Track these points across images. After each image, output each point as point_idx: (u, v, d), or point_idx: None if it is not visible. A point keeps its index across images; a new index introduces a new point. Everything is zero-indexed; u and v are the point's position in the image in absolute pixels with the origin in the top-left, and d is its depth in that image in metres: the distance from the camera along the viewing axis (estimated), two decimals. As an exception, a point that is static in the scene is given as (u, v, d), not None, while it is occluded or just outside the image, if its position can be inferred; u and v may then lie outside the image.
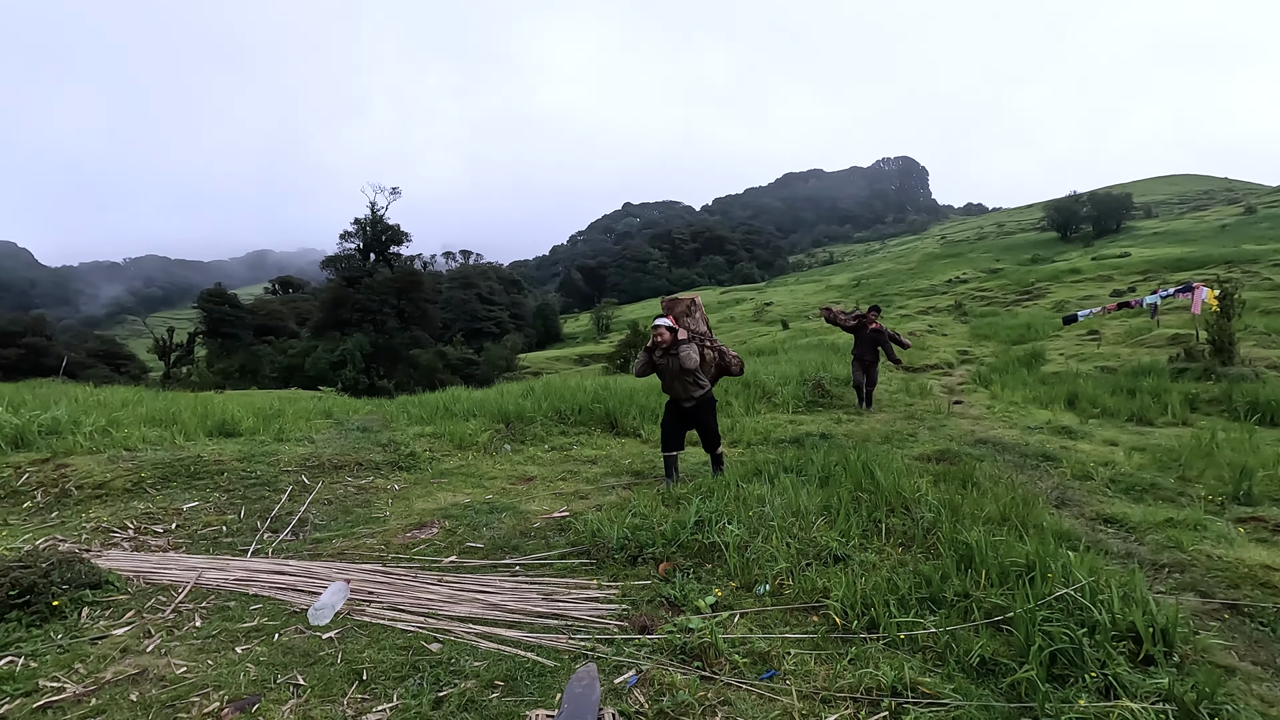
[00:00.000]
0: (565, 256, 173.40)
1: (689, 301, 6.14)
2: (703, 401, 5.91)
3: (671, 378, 5.84)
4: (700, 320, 6.14)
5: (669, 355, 5.75)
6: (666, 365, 5.79)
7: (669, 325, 5.82)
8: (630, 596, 3.67)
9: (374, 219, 49.68)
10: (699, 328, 6.10)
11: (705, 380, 5.91)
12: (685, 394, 5.87)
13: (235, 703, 2.67)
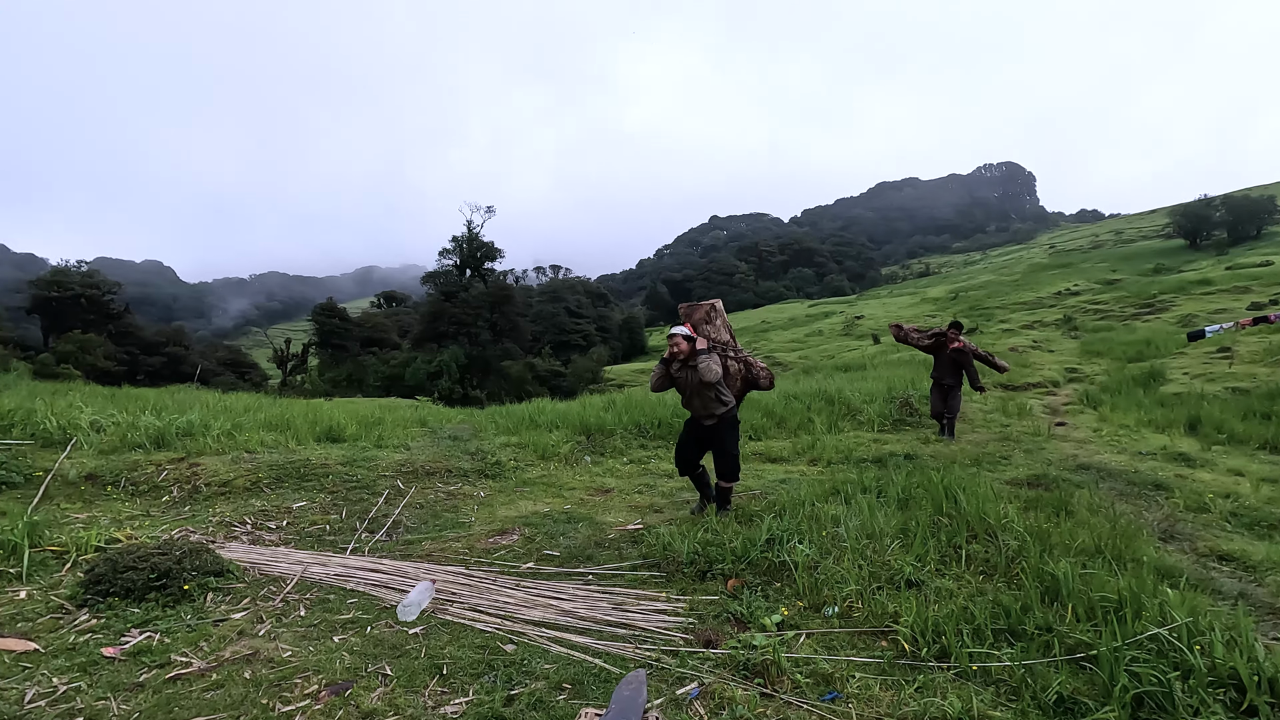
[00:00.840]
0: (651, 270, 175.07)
1: (708, 307, 5.60)
2: (725, 420, 5.30)
3: (691, 393, 5.28)
4: (722, 328, 5.61)
5: (687, 368, 5.23)
6: (685, 379, 5.26)
7: (686, 334, 5.27)
8: (697, 611, 3.74)
9: (470, 236, 52.12)
10: (720, 336, 5.58)
11: (729, 395, 5.32)
12: (706, 411, 5.29)
13: (332, 686, 2.94)
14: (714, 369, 5.03)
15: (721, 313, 5.61)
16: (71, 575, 4.12)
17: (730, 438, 5.33)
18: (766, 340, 56.80)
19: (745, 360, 5.60)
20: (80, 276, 49.60)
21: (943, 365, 9.27)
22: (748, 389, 5.70)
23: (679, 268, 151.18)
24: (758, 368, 5.62)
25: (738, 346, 5.62)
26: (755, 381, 5.62)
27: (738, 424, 5.45)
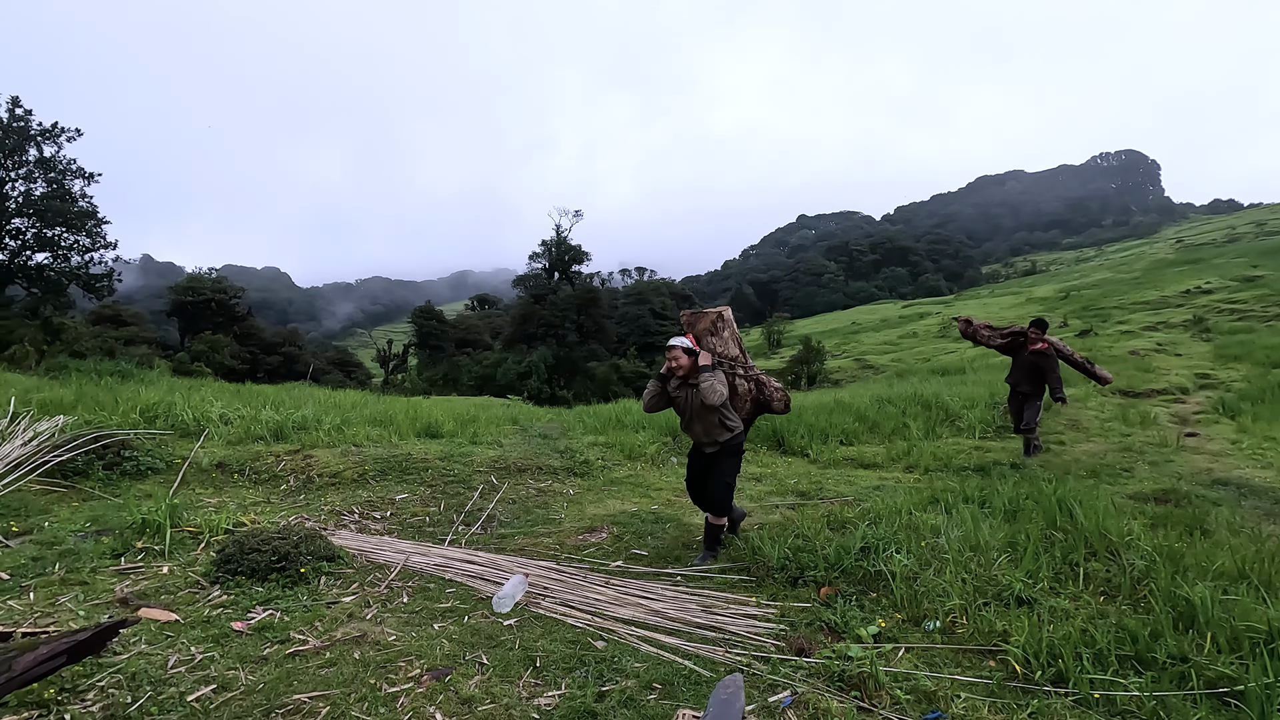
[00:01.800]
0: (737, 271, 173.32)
1: (715, 315, 4.74)
2: (728, 447, 4.60)
3: (692, 415, 4.56)
4: (730, 340, 4.75)
5: (688, 386, 4.53)
6: (685, 399, 4.55)
7: (687, 347, 4.53)
8: (789, 617, 3.65)
9: (558, 240, 53.44)
10: (728, 350, 4.72)
11: (735, 420, 4.59)
12: (708, 437, 4.59)
13: (432, 671, 3.07)
14: (718, 390, 4.34)
15: (730, 322, 4.79)
16: (205, 554, 4.51)
17: (729, 466, 4.64)
18: (857, 342, 55.01)
19: (757, 379, 4.83)
20: (210, 283, 54.39)
21: (1020, 369, 7.97)
22: (759, 412, 4.97)
23: (765, 268, 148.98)
24: (771, 387, 4.87)
25: (749, 363, 4.84)
26: (768, 404, 4.88)
27: (741, 452, 4.77)
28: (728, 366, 4.65)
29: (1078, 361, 8.04)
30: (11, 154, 22.52)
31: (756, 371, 4.83)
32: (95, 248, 24.31)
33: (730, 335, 4.74)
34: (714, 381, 4.35)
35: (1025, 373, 7.86)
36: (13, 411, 7.46)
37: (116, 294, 29.61)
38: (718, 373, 4.43)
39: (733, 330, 4.77)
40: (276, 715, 2.69)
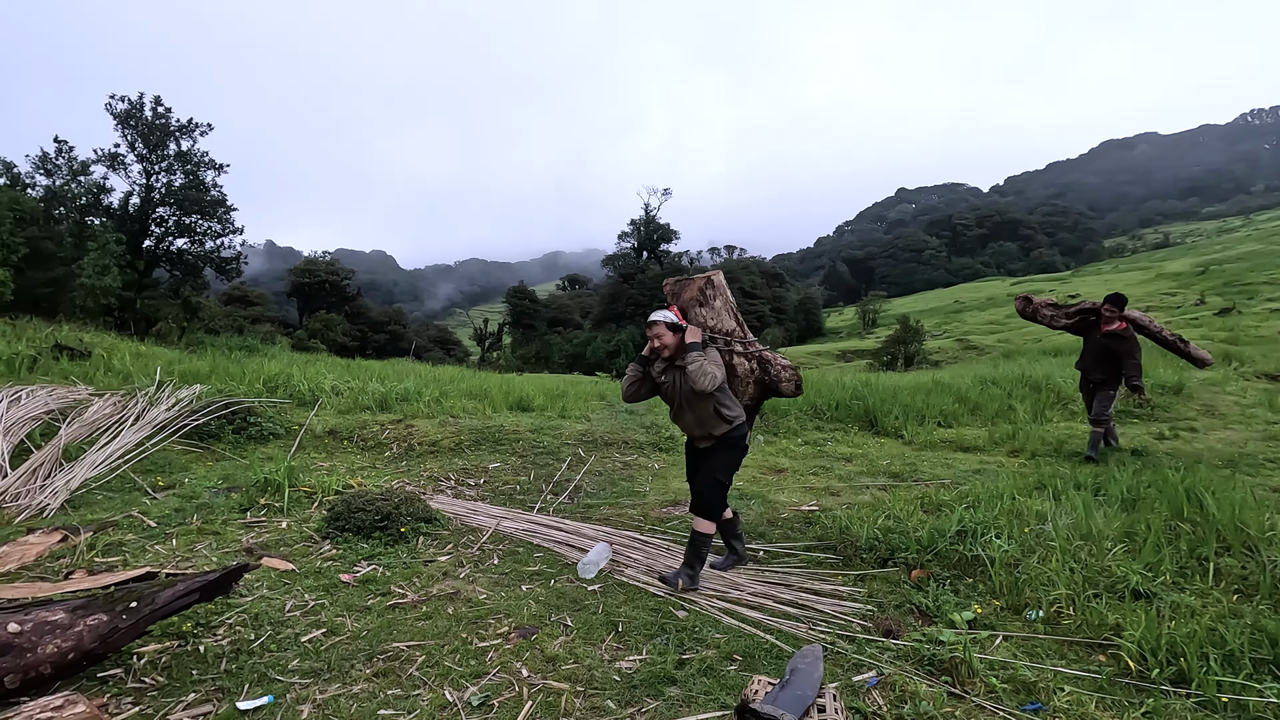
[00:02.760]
0: (830, 248, 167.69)
1: (703, 282, 3.85)
2: (725, 441, 3.73)
3: (681, 403, 3.74)
4: (724, 311, 3.86)
5: (674, 368, 3.73)
6: (672, 384, 3.74)
7: (671, 321, 3.70)
8: (876, 598, 3.54)
9: (647, 219, 53.50)
10: (722, 323, 3.83)
11: (735, 408, 3.73)
12: (702, 430, 3.76)
13: (520, 630, 3.19)
14: (709, 372, 3.51)
15: (723, 289, 3.90)
16: (318, 512, 4.88)
17: (724, 460, 3.76)
18: (959, 321, 52.11)
19: (760, 356, 3.95)
20: (325, 265, 58.25)
21: (1091, 353, 6.85)
22: (765, 396, 4.10)
23: (861, 245, 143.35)
24: (778, 366, 3.95)
25: (749, 337, 3.95)
26: (775, 386, 3.99)
27: (742, 447, 3.82)
28: (723, 343, 3.80)
29: (1168, 340, 6.89)
30: (155, 149, 24.92)
31: (760, 347, 3.97)
32: (226, 233, 26.62)
33: (724, 305, 3.87)
34: (704, 362, 3.52)
35: (1097, 357, 6.79)
36: (159, 380, 8.30)
37: (244, 276, 32.31)
38: (709, 351, 3.63)
39: (726, 299, 3.90)
40: (378, 660, 2.88)
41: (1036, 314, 7.32)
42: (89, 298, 20.34)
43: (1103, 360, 6.73)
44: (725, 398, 3.70)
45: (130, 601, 2.64)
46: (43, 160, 23.18)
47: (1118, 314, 6.69)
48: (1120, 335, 6.59)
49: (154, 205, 25.13)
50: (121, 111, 24.62)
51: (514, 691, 2.65)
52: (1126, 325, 6.65)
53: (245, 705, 2.49)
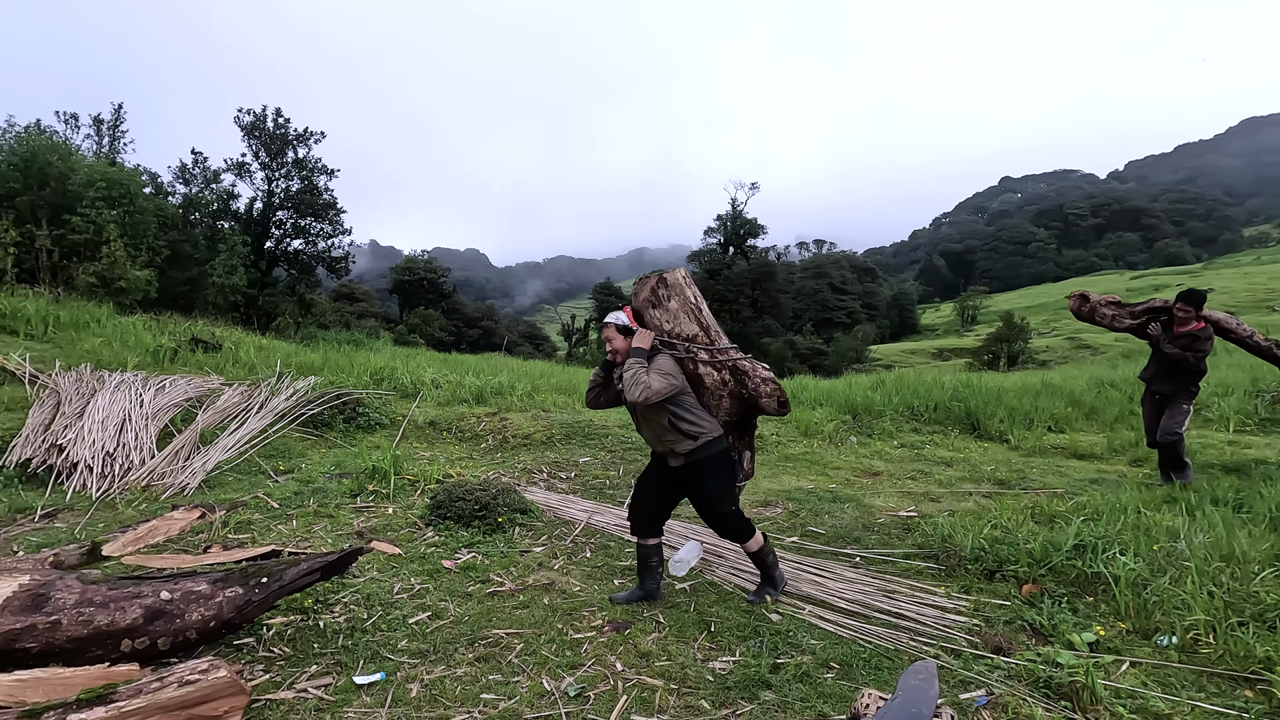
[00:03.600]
0: (927, 241, 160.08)
1: (654, 281, 3.48)
2: (699, 462, 3.34)
3: (638, 416, 3.44)
4: (683, 314, 3.42)
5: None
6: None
7: (622, 324, 3.44)
8: (983, 612, 3.35)
9: (734, 214, 52.90)
10: (680, 327, 3.41)
11: (702, 423, 3.33)
12: (661, 445, 3.41)
13: (614, 624, 3.24)
14: (642, 381, 3.17)
15: (681, 288, 3.46)
16: (420, 500, 5.13)
17: (715, 494, 3.39)
18: (1069, 320, 48.54)
19: (734, 366, 3.40)
20: (423, 264, 61.13)
21: (1158, 360, 5.76)
22: (750, 412, 3.53)
23: (960, 237, 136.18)
24: (756, 378, 3.37)
25: (719, 344, 3.45)
26: (755, 401, 3.40)
27: (725, 472, 3.42)
28: (682, 349, 3.38)
29: (1261, 346, 5.82)
30: (275, 157, 26.97)
31: (733, 355, 3.43)
32: (336, 234, 28.49)
33: (681, 307, 3.43)
34: (638, 371, 3.20)
35: (1166, 365, 5.64)
36: (279, 372, 8.97)
37: (351, 274, 34.36)
38: (659, 359, 3.31)
39: (686, 300, 3.44)
40: (479, 645, 3.00)
41: (1094, 314, 6.18)
42: (219, 295, 22.30)
43: (1172, 370, 5.62)
44: (684, 410, 3.31)
45: (262, 577, 2.87)
46: (181, 171, 25.62)
47: (1193, 313, 5.52)
48: (1196, 336, 5.50)
49: (274, 209, 27.23)
50: (247, 124, 26.82)
51: (609, 685, 2.69)
52: (1205, 325, 5.55)
53: (361, 680, 2.66)
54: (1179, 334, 5.57)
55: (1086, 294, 6.32)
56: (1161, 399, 5.73)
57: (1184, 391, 5.64)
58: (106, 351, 9.19)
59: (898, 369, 23.61)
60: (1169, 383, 5.67)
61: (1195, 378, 5.63)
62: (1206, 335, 5.51)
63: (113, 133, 26.02)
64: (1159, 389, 5.75)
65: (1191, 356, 5.45)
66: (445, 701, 2.55)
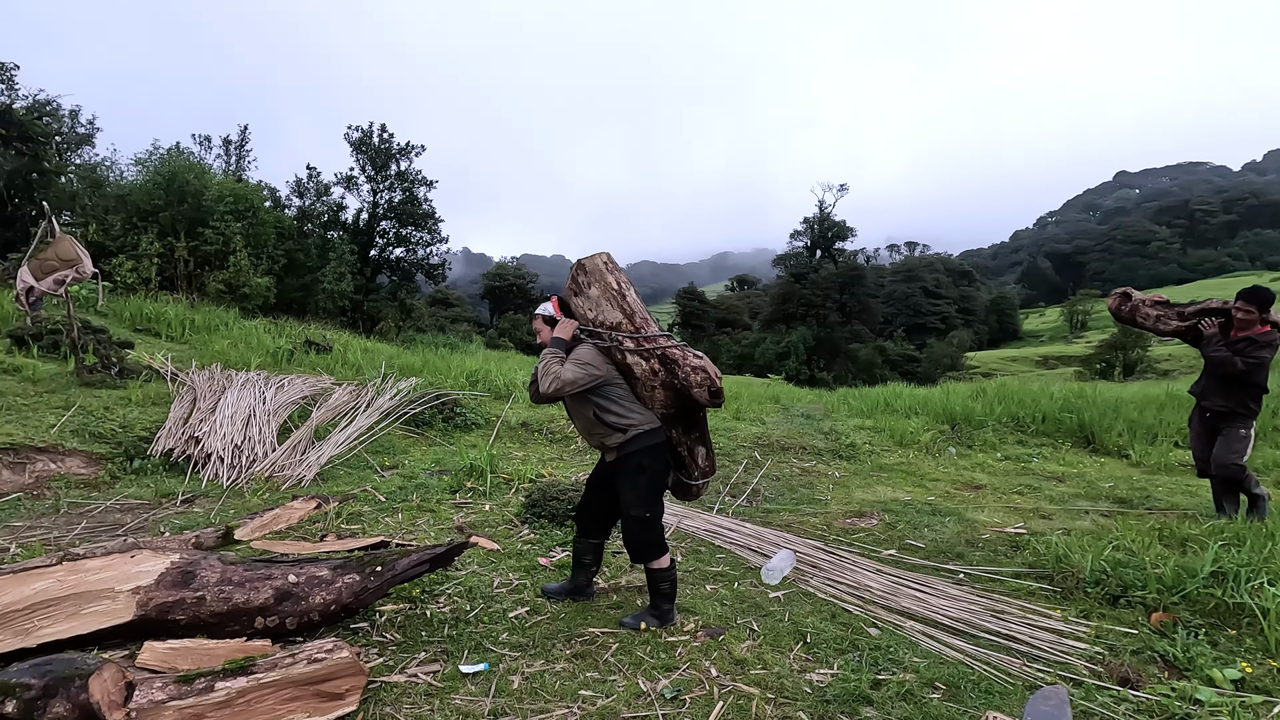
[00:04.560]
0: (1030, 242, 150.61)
1: (575, 268, 3.33)
2: (627, 461, 3.18)
3: (569, 409, 3.33)
4: (605, 301, 3.21)
5: None
6: None
7: (547, 314, 3.34)
8: (1106, 640, 3.12)
9: (821, 217, 51.71)
10: (602, 315, 3.21)
11: (630, 414, 3.16)
12: (591, 438, 3.31)
13: (707, 629, 3.23)
14: (551, 372, 3.05)
15: (601, 274, 3.26)
16: (515, 498, 5.29)
17: (633, 494, 3.19)
18: (1198, 325, 44.30)
19: (664, 354, 3.14)
20: (512, 270, 63.22)
21: (1209, 371, 4.90)
22: (688, 405, 3.24)
23: (1068, 237, 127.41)
24: (686, 367, 3.09)
25: (647, 331, 3.20)
26: (686, 391, 3.13)
27: (655, 469, 3.19)
28: (607, 338, 3.18)
29: None
30: (380, 170, 28.69)
31: (662, 343, 3.16)
32: (434, 242, 30.04)
33: (601, 294, 3.23)
34: (549, 361, 3.08)
35: (1221, 378, 4.75)
36: (383, 373, 9.51)
37: (447, 280, 35.94)
38: (579, 348, 3.17)
39: (608, 286, 3.24)
40: (576, 642, 3.06)
41: (1135, 314, 5.33)
42: (329, 300, 23.90)
43: (1227, 383, 4.74)
44: (609, 402, 3.15)
45: (376, 565, 3.05)
46: (297, 185, 27.72)
47: (1259, 314, 4.66)
48: (1255, 341, 4.62)
49: (378, 219, 28.97)
50: (355, 139, 28.70)
51: (704, 689, 2.69)
52: (1271, 329, 4.67)
53: (467, 669, 2.77)
54: (1237, 339, 4.72)
55: (1129, 291, 5.47)
56: (1214, 418, 4.87)
57: (1242, 411, 4.72)
58: (233, 352, 10.03)
59: (999, 377, 22.32)
60: (1223, 399, 4.78)
61: (1255, 394, 4.70)
62: (1269, 342, 4.60)
63: (239, 152, 28.41)
64: (1211, 405, 4.87)
65: (1241, 361, 4.57)
66: (545, 695, 2.62)
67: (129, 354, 8.60)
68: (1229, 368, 4.61)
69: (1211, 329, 4.79)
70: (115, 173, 20.15)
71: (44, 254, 7.42)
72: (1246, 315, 4.67)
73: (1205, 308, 5.01)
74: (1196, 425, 5.06)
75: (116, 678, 2.06)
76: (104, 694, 1.98)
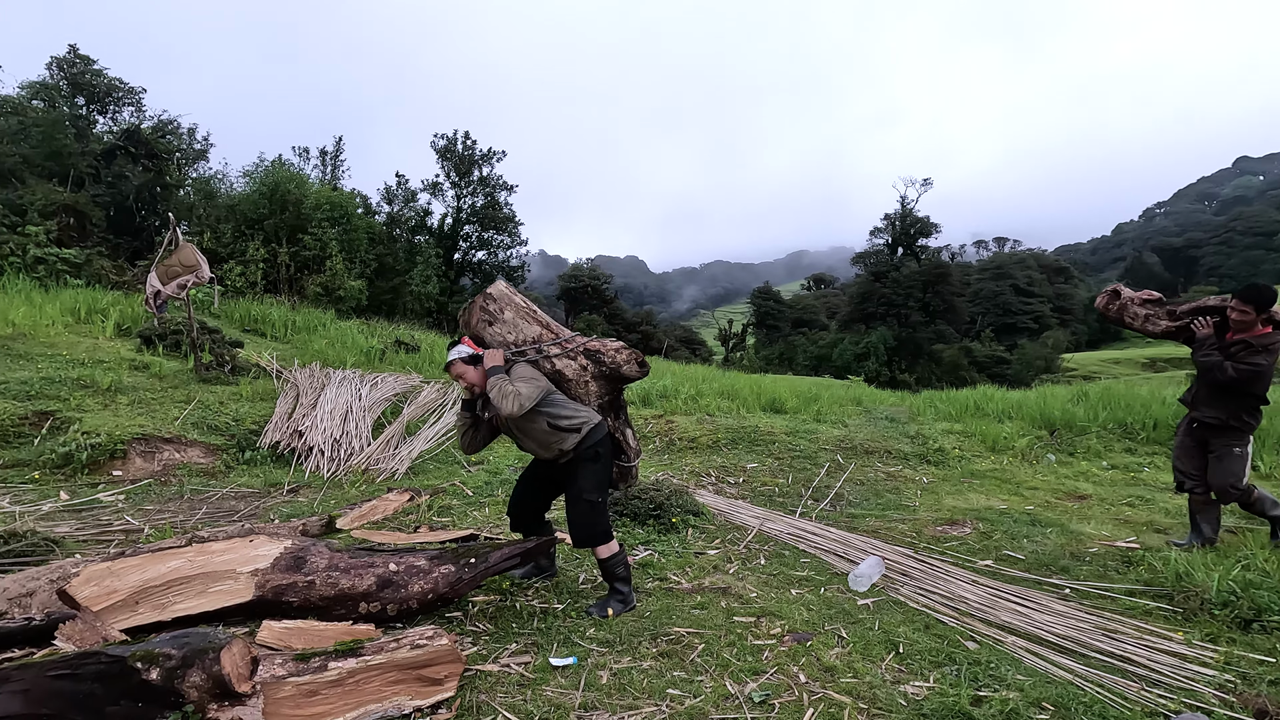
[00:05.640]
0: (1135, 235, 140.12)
1: (481, 299, 3.52)
2: (582, 455, 3.36)
3: (518, 434, 3.41)
4: (519, 320, 3.47)
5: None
6: (500, 418, 3.39)
7: (466, 355, 3.39)
8: (1237, 667, 2.87)
9: (903, 213, 49.89)
10: (521, 333, 3.44)
11: (577, 414, 3.35)
12: (549, 450, 3.39)
13: (794, 634, 3.17)
14: (510, 391, 3.14)
15: (507, 298, 3.52)
16: (597, 496, 5.37)
17: (588, 480, 3.36)
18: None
19: (586, 350, 3.46)
20: (587, 271, 64.05)
21: (1201, 378, 4.34)
22: (616, 387, 3.57)
23: (1179, 229, 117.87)
24: (609, 351, 3.44)
25: (564, 335, 3.51)
26: (616, 372, 3.45)
27: (607, 455, 3.43)
28: (533, 352, 3.41)
29: None
30: (464, 176, 29.77)
31: (581, 341, 3.49)
32: (514, 245, 30.93)
33: (516, 315, 3.48)
34: (502, 384, 3.18)
35: (1216, 387, 4.20)
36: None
37: (525, 282, 36.85)
38: (516, 367, 3.32)
39: (518, 307, 3.51)
40: (661, 641, 3.07)
41: (1124, 313, 4.72)
42: (416, 302, 24.97)
43: (1222, 391, 4.19)
44: (557, 409, 3.32)
45: (470, 557, 3.16)
46: (386, 192, 29.13)
47: (1256, 314, 4.09)
48: (1253, 346, 4.07)
49: (462, 224, 30.07)
50: (441, 147, 29.90)
51: (793, 695, 2.64)
52: (1272, 330, 4.11)
53: (556, 662, 2.83)
54: (1232, 342, 4.18)
55: (1119, 289, 4.85)
56: (1204, 430, 4.32)
57: (1235, 424, 4.17)
58: (330, 352, 10.63)
59: (1101, 380, 20.89)
60: (1215, 409, 4.23)
61: (1252, 405, 4.17)
62: (1267, 345, 4.04)
63: (334, 162, 30.04)
64: (1201, 416, 4.32)
65: (1231, 367, 4.04)
66: (633, 692, 2.64)
67: (240, 353, 9.26)
68: (1218, 374, 4.09)
69: (1205, 330, 4.28)
70: (226, 185, 21.72)
71: (169, 260, 8.09)
72: (1243, 316, 4.12)
73: (1200, 306, 4.45)
74: (1183, 435, 4.52)
75: (244, 652, 2.22)
76: (234, 667, 2.14)
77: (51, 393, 6.51)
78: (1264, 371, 4.04)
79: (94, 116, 20.49)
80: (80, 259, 13.35)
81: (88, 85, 19.92)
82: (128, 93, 20.79)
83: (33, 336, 8.34)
